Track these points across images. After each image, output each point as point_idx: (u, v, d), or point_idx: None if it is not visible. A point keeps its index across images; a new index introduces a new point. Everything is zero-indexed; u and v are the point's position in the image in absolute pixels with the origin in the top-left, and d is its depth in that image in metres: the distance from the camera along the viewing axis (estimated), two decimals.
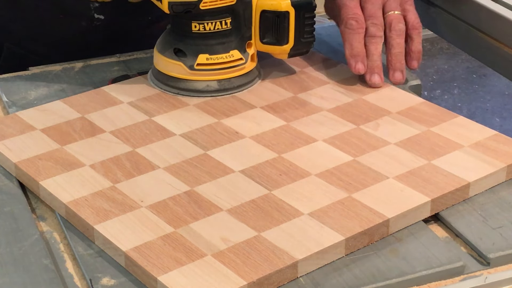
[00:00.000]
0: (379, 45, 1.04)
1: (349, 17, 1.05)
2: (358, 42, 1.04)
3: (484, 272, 0.79)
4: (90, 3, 1.16)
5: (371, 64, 1.04)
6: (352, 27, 1.05)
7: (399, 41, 1.05)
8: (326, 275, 0.77)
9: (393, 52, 1.05)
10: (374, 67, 1.04)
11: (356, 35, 1.04)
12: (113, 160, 0.91)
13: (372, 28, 1.04)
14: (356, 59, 1.04)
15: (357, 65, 1.03)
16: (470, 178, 0.87)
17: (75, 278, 0.78)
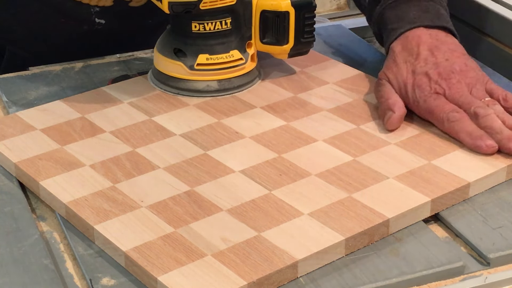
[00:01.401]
0: (498, 120, 0.93)
1: (448, 112, 0.94)
2: (471, 126, 0.93)
3: (484, 272, 0.79)
4: (90, 8, 1.16)
5: (505, 135, 0.91)
6: (455, 118, 0.93)
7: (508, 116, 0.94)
8: (326, 275, 0.77)
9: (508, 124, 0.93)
10: (510, 136, 0.91)
11: (465, 122, 0.93)
12: (113, 160, 0.91)
13: (480, 110, 0.93)
14: (482, 138, 0.91)
15: (486, 142, 0.90)
16: (470, 178, 0.87)
17: (75, 278, 0.78)
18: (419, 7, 1.04)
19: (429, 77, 0.97)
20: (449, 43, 1.01)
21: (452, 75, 0.97)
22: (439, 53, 0.99)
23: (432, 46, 1.00)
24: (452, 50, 1.00)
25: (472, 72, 0.98)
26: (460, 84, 0.96)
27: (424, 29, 1.02)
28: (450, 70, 0.97)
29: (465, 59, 0.99)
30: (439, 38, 1.01)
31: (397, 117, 0.95)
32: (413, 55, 1.00)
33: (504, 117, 0.93)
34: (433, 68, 0.97)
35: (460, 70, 0.97)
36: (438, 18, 1.03)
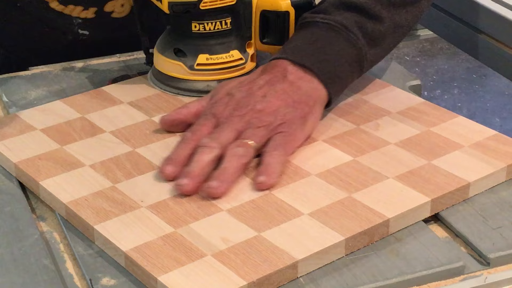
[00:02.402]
0: (205, 155, 0.85)
1: (189, 129, 0.90)
2: (181, 149, 0.87)
3: (484, 272, 0.79)
4: (72, 19, 1.16)
5: (187, 169, 0.84)
6: (184, 137, 0.88)
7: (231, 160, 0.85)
8: (326, 275, 0.77)
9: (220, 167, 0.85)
10: (187, 172, 0.84)
11: (184, 144, 0.87)
12: (113, 160, 0.91)
13: (206, 139, 0.86)
14: (167, 161, 0.86)
15: (166, 167, 0.85)
16: (470, 178, 0.87)
17: (75, 278, 0.78)
18: (310, 36, 0.97)
19: (229, 100, 0.91)
20: (293, 84, 0.92)
21: (243, 109, 0.90)
22: (268, 88, 0.92)
23: (272, 79, 0.93)
24: (281, 92, 0.91)
25: (271, 117, 0.89)
26: (238, 118, 0.89)
27: (286, 62, 0.94)
28: (250, 104, 0.90)
29: (283, 104, 0.90)
30: (289, 76, 0.93)
31: (166, 119, 0.93)
32: (252, 79, 0.94)
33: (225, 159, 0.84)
34: (242, 95, 0.91)
35: (259, 110, 0.89)
36: (311, 55, 0.94)
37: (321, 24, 0.97)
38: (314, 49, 0.95)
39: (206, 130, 0.89)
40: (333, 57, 0.95)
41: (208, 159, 0.85)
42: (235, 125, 0.88)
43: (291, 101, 0.91)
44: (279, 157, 0.87)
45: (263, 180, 0.84)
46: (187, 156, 0.86)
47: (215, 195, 0.82)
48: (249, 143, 0.87)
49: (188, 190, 0.83)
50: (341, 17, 0.97)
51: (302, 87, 0.92)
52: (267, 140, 0.88)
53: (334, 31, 0.96)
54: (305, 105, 0.92)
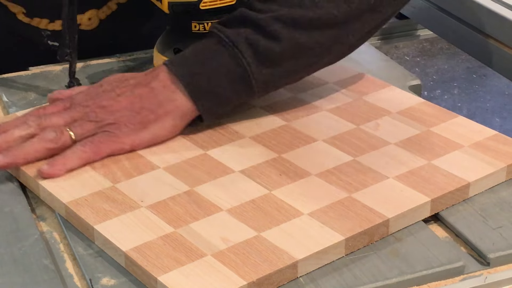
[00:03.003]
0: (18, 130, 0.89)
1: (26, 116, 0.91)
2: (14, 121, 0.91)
3: (484, 272, 0.79)
4: (41, 31, 1.16)
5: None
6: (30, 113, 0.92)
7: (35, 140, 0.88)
8: (326, 275, 0.77)
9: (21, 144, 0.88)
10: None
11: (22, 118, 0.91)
12: (113, 160, 0.91)
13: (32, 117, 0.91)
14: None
15: None
16: (470, 178, 0.87)
17: (75, 278, 0.78)
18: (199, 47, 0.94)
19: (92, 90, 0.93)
20: (151, 92, 0.91)
21: (90, 101, 0.91)
22: (128, 88, 0.92)
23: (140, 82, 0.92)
24: (136, 96, 0.91)
25: (105, 115, 0.89)
26: (80, 108, 0.90)
27: (164, 69, 0.92)
28: (100, 98, 0.91)
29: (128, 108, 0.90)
30: (152, 82, 0.92)
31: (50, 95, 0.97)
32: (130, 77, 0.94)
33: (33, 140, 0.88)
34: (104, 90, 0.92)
35: (102, 106, 0.90)
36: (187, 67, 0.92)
37: (214, 36, 0.94)
38: (194, 61, 0.93)
39: (52, 110, 0.91)
40: (210, 72, 0.92)
41: (18, 134, 0.88)
42: (72, 113, 0.90)
43: (138, 106, 0.90)
44: (81, 153, 0.87)
45: (44, 169, 0.86)
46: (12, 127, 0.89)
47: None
48: (66, 132, 0.88)
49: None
50: (233, 31, 0.92)
51: (159, 95, 0.91)
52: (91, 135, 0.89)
53: (222, 45, 0.92)
54: (151, 112, 0.90)
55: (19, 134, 0.88)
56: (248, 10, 0.95)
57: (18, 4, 1.13)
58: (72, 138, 0.89)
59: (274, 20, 0.92)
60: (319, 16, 0.93)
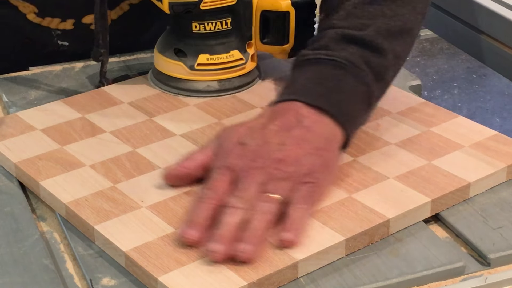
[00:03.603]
0: (234, 216, 0.77)
1: (206, 186, 0.81)
2: (201, 210, 0.79)
3: (484, 273, 0.79)
4: (51, 31, 1.16)
5: (217, 232, 0.77)
6: (202, 196, 0.80)
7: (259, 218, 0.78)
8: (326, 275, 0.77)
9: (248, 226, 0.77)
10: (219, 236, 0.76)
11: (203, 205, 0.79)
12: (113, 160, 0.91)
13: (232, 199, 0.79)
14: (189, 225, 0.78)
15: (188, 230, 0.77)
16: (470, 178, 0.87)
17: (75, 278, 0.78)
18: (317, 76, 0.91)
19: (243, 151, 0.83)
20: (310, 129, 0.85)
21: (261, 160, 0.82)
22: (283, 135, 0.84)
23: (286, 125, 0.85)
24: (300, 139, 0.84)
25: (293, 167, 0.82)
26: (258, 170, 0.81)
27: (299, 104, 0.87)
28: (268, 154, 0.82)
29: (304, 153, 0.83)
30: (304, 120, 0.85)
31: (172, 174, 0.86)
32: (262, 125, 0.85)
33: (253, 218, 0.78)
34: (258, 144, 0.83)
35: (278, 160, 0.82)
36: (324, 96, 0.88)
37: (326, 61, 0.91)
38: (325, 89, 0.89)
39: (224, 186, 0.80)
40: (346, 96, 0.89)
41: (236, 221, 0.77)
42: (255, 178, 0.80)
43: (311, 148, 0.83)
44: (305, 211, 0.80)
45: (289, 238, 0.77)
46: (208, 217, 0.78)
47: (248, 259, 0.75)
48: (274, 197, 0.80)
49: (221, 258, 0.75)
50: (345, 52, 0.91)
51: (320, 132, 0.85)
52: (291, 191, 0.81)
53: (342, 68, 0.90)
54: (326, 151, 0.85)
55: (236, 221, 0.77)
56: (343, 29, 0.92)
57: (31, 4, 1.13)
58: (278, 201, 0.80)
59: (376, 34, 0.92)
60: (402, 24, 0.94)
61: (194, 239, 0.77)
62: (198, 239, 0.77)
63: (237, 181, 0.81)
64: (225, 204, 0.79)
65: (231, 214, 0.78)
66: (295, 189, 0.81)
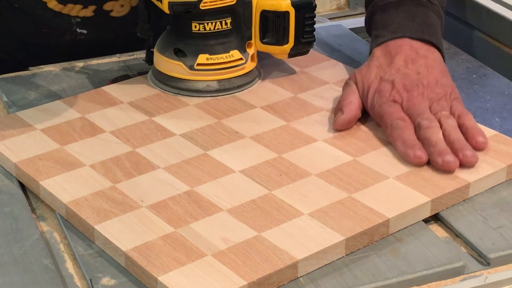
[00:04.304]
0: (439, 133, 0.90)
1: (394, 119, 0.93)
2: (409, 135, 0.91)
3: (484, 272, 0.78)
4: (71, 18, 1.16)
5: (437, 149, 0.89)
6: (398, 126, 0.92)
7: (455, 131, 0.91)
8: (326, 275, 0.77)
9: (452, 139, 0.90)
10: (442, 150, 0.88)
11: (406, 130, 0.92)
12: (113, 160, 0.91)
13: (424, 121, 0.92)
14: (413, 148, 0.89)
15: (416, 152, 0.89)
16: (470, 178, 0.87)
17: (75, 278, 0.78)
18: (407, 14, 1.03)
19: (393, 86, 0.96)
20: (428, 58, 0.99)
21: (416, 88, 0.95)
22: (413, 66, 0.98)
23: (408, 58, 0.99)
24: (427, 66, 0.98)
25: (439, 88, 0.96)
26: (420, 97, 0.95)
27: (407, 40, 1.01)
28: (416, 83, 0.96)
29: (438, 76, 0.97)
30: (419, 51, 1.00)
31: (344, 119, 0.95)
32: (387, 62, 0.99)
33: (451, 132, 0.91)
34: (401, 78, 0.97)
35: (427, 85, 0.96)
36: (423, 30, 1.02)
37: (408, 2, 1.04)
38: (421, 24, 1.02)
39: (404, 114, 0.93)
40: (436, 29, 1.03)
41: (441, 136, 0.90)
42: (423, 103, 0.94)
43: (440, 71, 0.98)
44: (473, 119, 0.94)
45: (483, 140, 0.91)
46: (415, 138, 0.91)
47: (475, 162, 0.88)
48: (449, 114, 0.93)
49: (456, 166, 0.88)
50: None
51: (435, 57, 1.00)
52: (449, 107, 0.95)
53: (424, 6, 1.04)
54: (446, 71, 1.00)
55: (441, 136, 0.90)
56: None
57: None
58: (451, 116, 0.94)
59: None
60: None
61: (423, 158, 0.88)
62: (426, 158, 0.89)
63: (408, 110, 0.94)
64: (421, 126, 0.91)
65: (435, 132, 0.90)
66: (452, 105, 0.95)
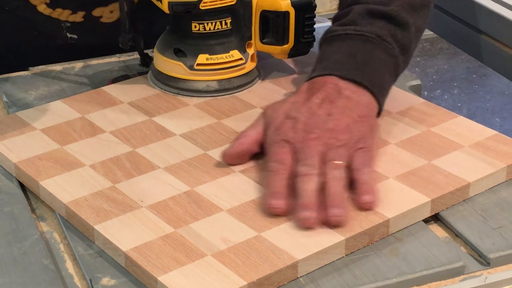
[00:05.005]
0: (310, 184, 0.82)
1: (272, 160, 0.86)
2: (278, 181, 0.83)
3: (484, 272, 0.79)
4: (61, 23, 1.16)
5: (300, 201, 0.80)
6: (272, 169, 0.84)
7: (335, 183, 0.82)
8: (326, 275, 0.77)
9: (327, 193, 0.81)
10: (304, 204, 0.80)
11: (277, 176, 0.83)
12: (113, 160, 0.91)
13: (302, 168, 0.83)
14: (273, 196, 0.81)
15: (272, 201, 0.81)
16: (470, 178, 0.87)
17: (75, 278, 0.78)
18: (349, 49, 0.95)
19: (294, 124, 0.88)
20: (351, 99, 0.90)
21: (316, 130, 0.86)
22: (328, 106, 0.89)
23: (328, 97, 0.90)
24: (345, 108, 0.89)
25: (346, 134, 0.86)
26: (315, 141, 0.86)
27: (335, 78, 0.92)
28: (320, 124, 0.87)
29: (352, 120, 0.88)
30: (343, 91, 0.91)
31: (230, 153, 0.89)
32: (305, 99, 0.91)
33: (330, 185, 0.82)
34: (307, 117, 0.88)
35: (332, 129, 0.87)
36: (357, 69, 0.93)
37: (355, 36, 0.96)
38: (358, 63, 0.94)
39: (288, 157, 0.85)
40: (377, 69, 0.94)
41: (314, 187, 0.81)
42: (316, 148, 0.85)
43: (357, 116, 0.89)
44: (371, 174, 0.85)
45: (370, 199, 0.82)
46: (287, 187, 0.83)
47: (341, 223, 0.79)
48: (340, 163, 0.84)
49: (315, 223, 0.79)
50: (373, 27, 0.96)
51: (360, 101, 0.91)
52: (349, 157, 0.85)
53: (371, 42, 0.95)
54: (369, 118, 0.90)
55: (315, 187, 0.82)
56: (368, 5, 0.98)
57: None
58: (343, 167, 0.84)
59: (400, 9, 0.97)
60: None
61: (282, 207, 0.81)
62: (285, 208, 0.81)
63: (297, 153, 0.85)
64: (297, 173, 0.83)
65: (307, 182, 0.82)
66: (353, 155, 0.85)
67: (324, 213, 0.79)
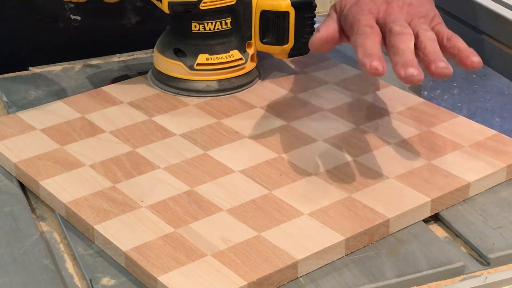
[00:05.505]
0: (409, 42, 0.84)
1: (361, 25, 0.87)
2: (372, 43, 0.84)
3: (484, 272, 0.79)
4: (64, 4, 1.15)
5: (403, 59, 0.82)
6: (364, 32, 0.86)
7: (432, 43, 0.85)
8: (326, 275, 0.77)
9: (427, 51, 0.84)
10: (408, 62, 0.81)
11: (370, 38, 0.85)
12: (113, 160, 0.91)
13: (396, 27, 0.86)
14: (371, 57, 0.82)
15: (372, 62, 0.81)
16: (470, 178, 0.87)
17: (75, 278, 0.78)
18: None
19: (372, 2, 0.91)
20: None
21: (396, 1, 0.90)
22: None
23: None
24: None
25: (422, 8, 0.90)
26: (399, 9, 0.89)
27: None
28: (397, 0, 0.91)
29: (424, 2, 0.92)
30: None
31: (319, 37, 0.91)
32: None
33: (427, 44, 0.84)
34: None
35: (409, 2, 0.91)
36: None
37: None
38: None
39: (372, 22, 0.88)
40: None
41: (412, 46, 0.84)
42: (401, 14, 0.89)
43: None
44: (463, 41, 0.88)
45: (479, 59, 0.85)
46: (379, 48, 0.85)
47: (448, 74, 0.83)
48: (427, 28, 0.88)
49: (420, 79, 0.81)
50: None
51: None
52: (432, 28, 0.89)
53: None
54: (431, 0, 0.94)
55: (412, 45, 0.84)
56: None
57: None
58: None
59: None
60: None
61: (380, 70, 0.81)
62: (383, 70, 0.81)
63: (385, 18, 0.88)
64: (392, 32, 0.85)
65: (405, 41, 0.84)
66: (438, 27, 0.88)
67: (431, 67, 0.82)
